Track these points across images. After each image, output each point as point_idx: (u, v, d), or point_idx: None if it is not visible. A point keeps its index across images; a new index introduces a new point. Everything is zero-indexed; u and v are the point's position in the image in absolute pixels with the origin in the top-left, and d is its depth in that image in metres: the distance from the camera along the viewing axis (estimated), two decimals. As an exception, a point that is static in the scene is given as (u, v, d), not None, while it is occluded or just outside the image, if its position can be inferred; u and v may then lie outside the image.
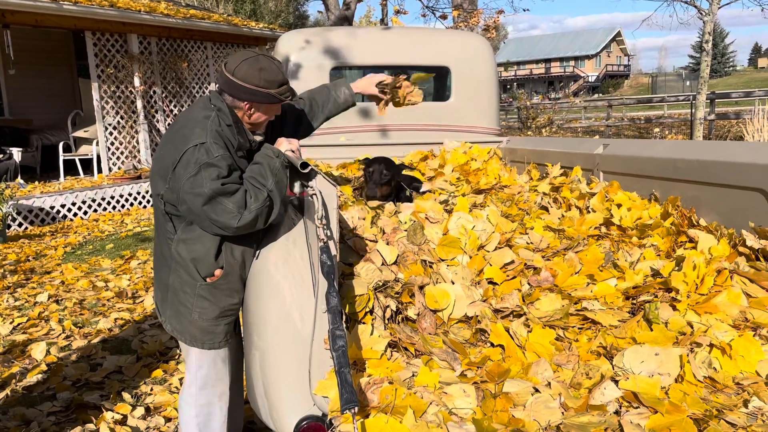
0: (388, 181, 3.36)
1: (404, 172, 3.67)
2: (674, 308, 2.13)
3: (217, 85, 2.31)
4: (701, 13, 13.12)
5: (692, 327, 2.03)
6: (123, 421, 3.23)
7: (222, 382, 2.42)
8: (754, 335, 1.94)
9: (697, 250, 2.44)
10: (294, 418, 1.75)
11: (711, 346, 1.90)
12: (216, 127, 2.14)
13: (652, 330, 2.04)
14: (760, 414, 1.65)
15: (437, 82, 5.42)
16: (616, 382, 1.78)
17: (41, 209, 8.61)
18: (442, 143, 4.68)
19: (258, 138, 2.35)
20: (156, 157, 2.25)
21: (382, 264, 2.46)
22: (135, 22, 10.40)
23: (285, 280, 2.11)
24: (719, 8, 12.71)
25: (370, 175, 3.37)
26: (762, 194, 2.49)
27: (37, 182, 9.99)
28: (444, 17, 13.41)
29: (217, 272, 2.23)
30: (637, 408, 1.69)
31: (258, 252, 2.29)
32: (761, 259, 2.33)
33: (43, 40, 12.29)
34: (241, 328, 2.39)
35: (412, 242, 2.64)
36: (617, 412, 1.69)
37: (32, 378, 3.77)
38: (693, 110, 13.86)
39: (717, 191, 2.73)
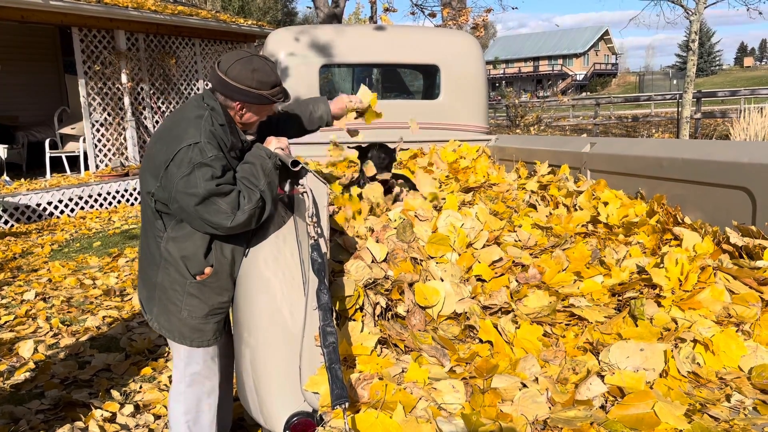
0: (387, 165, 3.35)
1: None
2: (659, 304, 2.16)
3: (209, 84, 2.30)
4: (688, 13, 13.22)
5: (676, 323, 2.07)
6: (112, 419, 3.22)
7: (211, 380, 2.42)
8: (736, 331, 1.98)
9: (681, 248, 2.48)
10: (284, 414, 1.76)
11: (695, 341, 1.94)
12: (209, 127, 2.14)
13: (637, 326, 2.07)
14: (742, 408, 1.68)
15: (426, 81, 5.44)
16: (602, 377, 1.80)
17: (27, 207, 8.54)
18: (431, 141, 4.70)
19: (249, 138, 2.35)
20: (147, 154, 2.24)
21: (372, 261, 2.48)
22: (122, 18, 10.33)
23: (275, 278, 2.12)
24: (706, 8, 12.81)
25: (368, 156, 3.36)
26: (746, 192, 2.53)
27: (23, 179, 9.90)
28: (433, 15, 13.44)
29: (207, 270, 2.24)
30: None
31: (248, 249, 2.30)
32: (744, 256, 2.37)
33: (29, 36, 12.17)
34: (232, 325, 2.40)
35: (401, 240, 2.66)
36: (603, 407, 1.72)
37: (20, 376, 3.75)
38: (680, 109, 13.97)
39: (702, 189, 2.77)
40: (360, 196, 3.18)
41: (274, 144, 2.30)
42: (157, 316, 2.32)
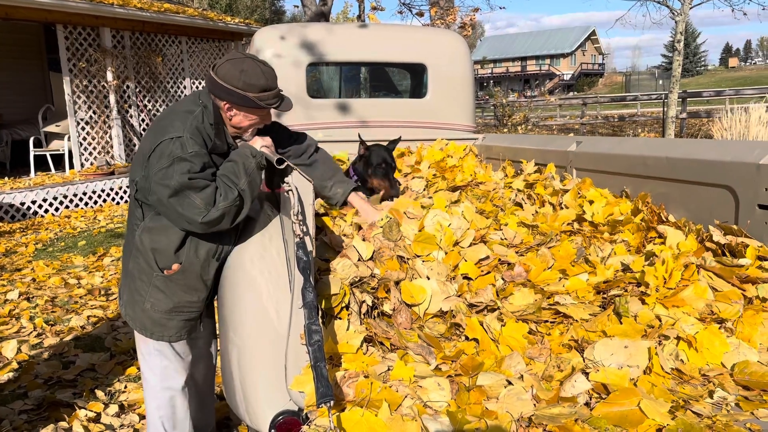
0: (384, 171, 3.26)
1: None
2: (643, 302, 2.18)
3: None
4: (673, 13, 13.34)
5: (660, 320, 2.08)
6: (96, 419, 3.20)
7: (180, 375, 2.42)
8: (719, 328, 2.00)
9: (665, 246, 2.50)
10: (270, 413, 1.75)
11: (678, 338, 1.95)
12: (197, 123, 2.14)
13: (621, 323, 2.08)
14: (725, 404, 1.70)
15: (414, 80, 5.44)
16: (587, 374, 1.81)
17: (11, 205, 8.45)
18: (418, 140, 4.70)
19: (240, 143, 2.33)
20: (139, 144, 2.27)
21: (358, 260, 2.47)
22: (108, 16, 10.24)
23: (261, 276, 2.12)
24: (691, 8, 12.94)
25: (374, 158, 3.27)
26: (729, 191, 2.56)
27: (6, 178, 9.79)
28: (421, 14, 13.44)
29: (174, 266, 2.23)
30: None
31: (233, 248, 2.29)
32: (727, 254, 2.40)
33: (13, 33, 12.01)
34: (217, 323, 2.39)
35: (388, 238, 2.66)
36: (588, 404, 1.73)
37: (3, 376, 3.72)
38: (665, 109, 14.10)
39: (686, 188, 2.79)
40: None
41: (259, 143, 2.29)
42: (125, 303, 2.33)
